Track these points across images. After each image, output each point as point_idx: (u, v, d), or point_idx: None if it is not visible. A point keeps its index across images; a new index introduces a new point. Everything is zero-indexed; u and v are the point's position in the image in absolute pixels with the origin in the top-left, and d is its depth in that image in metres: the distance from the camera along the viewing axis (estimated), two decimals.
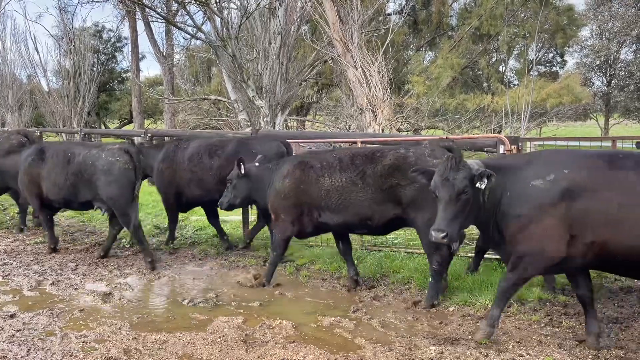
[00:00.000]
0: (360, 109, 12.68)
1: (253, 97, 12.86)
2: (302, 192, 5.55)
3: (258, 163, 6.16)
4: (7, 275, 6.40)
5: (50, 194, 7.00)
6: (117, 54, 39.04)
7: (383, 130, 12.46)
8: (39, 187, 7.06)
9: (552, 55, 27.58)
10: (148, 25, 25.91)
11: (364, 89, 12.43)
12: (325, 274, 6.27)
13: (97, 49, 34.16)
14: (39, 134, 18.29)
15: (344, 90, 16.95)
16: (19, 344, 4.45)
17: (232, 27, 12.86)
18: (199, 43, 24.66)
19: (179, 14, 24.85)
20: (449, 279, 5.60)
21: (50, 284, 6.04)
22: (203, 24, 17.22)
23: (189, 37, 21.87)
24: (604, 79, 29.72)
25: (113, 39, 37.71)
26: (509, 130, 15.64)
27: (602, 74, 29.78)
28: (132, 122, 32.32)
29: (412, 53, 25.33)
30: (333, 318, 4.91)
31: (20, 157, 7.33)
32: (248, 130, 10.09)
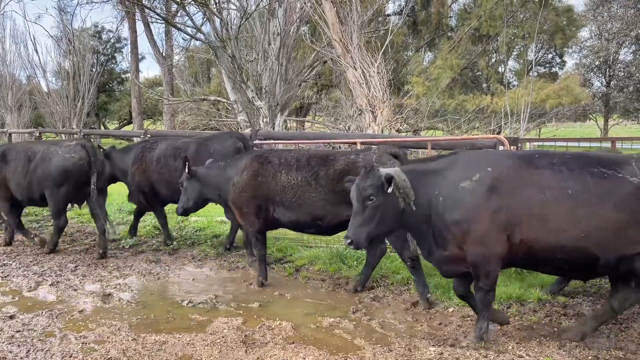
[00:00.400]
0: (360, 110, 12.68)
1: (252, 97, 12.85)
2: (259, 185, 5.66)
3: (209, 165, 6.27)
4: (6, 276, 6.40)
5: (17, 194, 7.33)
6: (116, 55, 39.16)
7: (382, 131, 12.46)
8: (7, 189, 7.37)
9: (551, 56, 27.65)
10: (147, 26, 25.96)
11: (364, 90, 12.43)
12: (325, 275, 6.26)
13: (96, 50, 34.21)
14: (38, 135, 18.32)
15: (344, 91, 16.94)
16: (19, 345, 4.45)
17: (231, 27, 12.85)
18: (199, 44, 24.70)
19: (179, 15, 24.92)
20: (449, 280, 5.60)
21: (50, 285, 6.04)
22: (202, 25, 17.20)
23: (189, 37, 21.98)
24: (603, 80, 29.78)
25: (112, 40, 37.79)
26: (509, 131, 15.64)
27: (601, 75, 29.83)
28: (131, 122, 32.34)
29: (411, 54, 25.34)
30: (333, 319, 4.91)
31: None
32: (248, 131, 10.09)
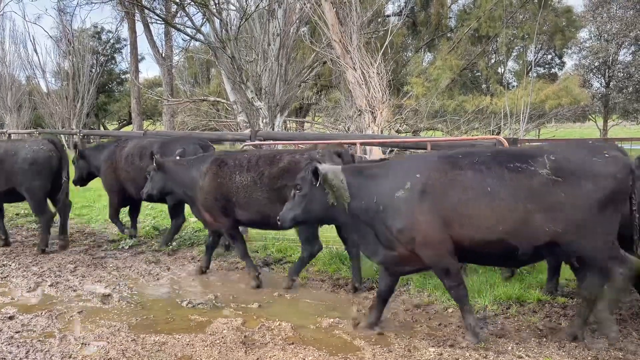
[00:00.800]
0: (359, 110, 12.66)
1: (252, 98, 12.86)
2: (219, 187, 5.94)
3: (177, 158, 6.59)
4: (5, 277, 6.40)
5: None
6: (116, 55, 39.11)
7: (382, 132, 12.45)
8: None
9: (550, 57, 27.67)
10: (147, 27, 25.95)
11: (363, 90, 12.42)
12: (324, 276, 6.26)
13: (96, 51, 34.18)
14: (38, 135, 18.30)
15: (343, 92, 16.94)
16: (18, 346, 4.44)
17: (231, 28, 12.86)
18: (198, 44, 24.69)
19: (178, 16, 24.95)
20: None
21: (49, 286, 6.04)
22: (202, 26, 17.22)
23: (188, 38, 21.95)
24: (603, 81, 29.79)
25: (112, 41, 37.75)
26: (508, 132, 15.67)
27: (600, 76, 29.85)
28: (131, 123, 32.30)
29: (411, 54, 25.38)
30: (332, 319, 4.90)
31: None
32: (247, 132, 10.09)
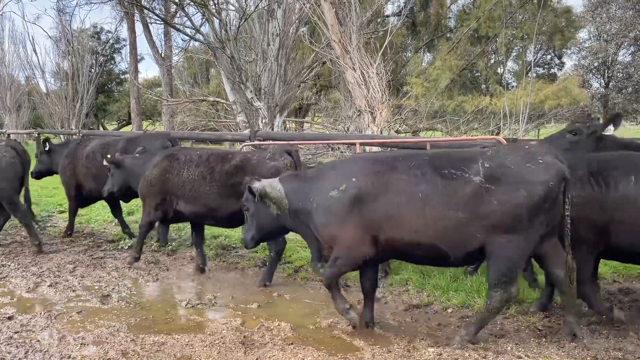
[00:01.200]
0: (359, 111, 12.65)
1: (251, 98, 12.86)
2: (165, 180, 6.21)
3: (137, 155, 6.86)
4: (5, 277, 6.39)
5: None
6: (115, 56, 39.04)
7: (381, 132, 12.44)
8: None
9: (550, 57, 27.65)
10: (147, 27, 25.92)
11: (363, 91, 12.41)
12: None
13: (95, 51, 34.12)
14: (37, 136, 18.29)
15: (343, 92, 16.93)
16: (17, 346, 4.43)
17: (230, 28, 12.87)
18: (198, 44, 24.71)
19: (178, 16, 24.93)
20: (448, 280, 5.63)
21: (48, 286, 6.03)
22: (202, 26, 17.23)
23: (188, 38, 21.98)
24: (602, 81, 29.75)
25: (111, 41, 37.68)
26: (508, 132, 15.66)
27: (600, 76, 29.81)
28: (130, 123, 32.27)
29: (410, 55, 25.37)
30: (332, 319, 4.90)
31: None
32: (246, 132, 10.10)
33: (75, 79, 26.72)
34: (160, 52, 27.00)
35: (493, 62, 24.59)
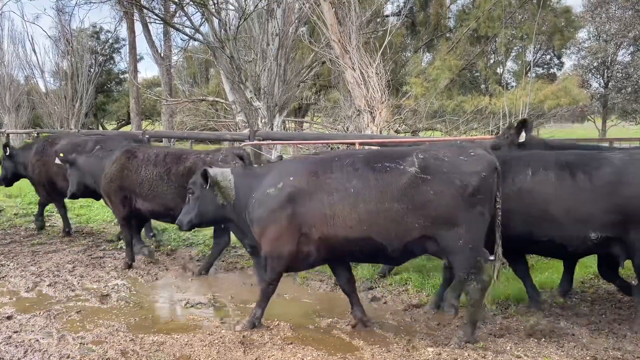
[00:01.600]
0: (358, 111, 12.62)
1: (251, 98, 12.84)
2: (124, 177, 6.31)
3: (92, 154, 6.93)
4: (4, 277, 6.38)
5: None
6: (114, 55, 38.99)
7: (381, 132, 12.43)
8: None
9: (549, 57, 27.64)
10: (146, 27, 25.89)
11: (362, 91, 12.38)
12: (323, 276, 6.25)
13: (94, 50, 34.09)
14: (37, 136, 18.28)
15: (342, 92, 16.90)
16: (16, 346, 4.43)
17: (230, 28, 12.84)
18: (197, 44, 24.63)
19: (177, 15, 24.89)
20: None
21: (48, 285, 6.02)
22: (201, 25, 17.19)
23: (187, 38, 21.89)
24: (602, 81, 29.78)
25: (111, 40, 37.64)
26: None
27: (599, 76, 29.83)
28: (129, 123, 32.23)
29: (410, 55, 25.34)
30: (331, 319, 4.90)
31: None
32: (246, 132, 10.09)
33: (75, 79, 26.66)
34: (160, 51, 26.98)
35: (492, 62, 24.57)
